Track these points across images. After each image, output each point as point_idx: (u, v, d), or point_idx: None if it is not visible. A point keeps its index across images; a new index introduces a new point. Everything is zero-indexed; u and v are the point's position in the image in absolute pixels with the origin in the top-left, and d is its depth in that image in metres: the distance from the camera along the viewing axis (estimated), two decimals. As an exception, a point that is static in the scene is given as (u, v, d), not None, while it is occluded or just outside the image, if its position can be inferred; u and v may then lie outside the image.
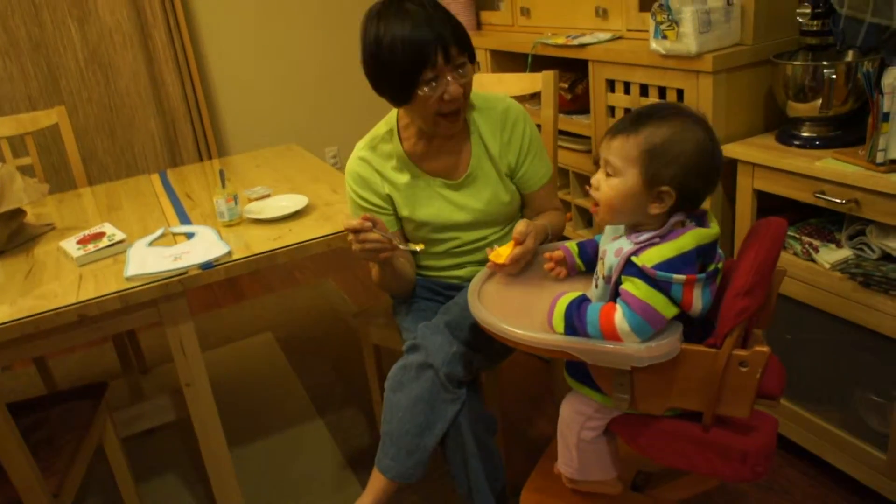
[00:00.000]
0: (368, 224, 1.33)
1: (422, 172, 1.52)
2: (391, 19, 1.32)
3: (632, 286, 1.02)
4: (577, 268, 1.29)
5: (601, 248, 1.14)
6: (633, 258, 1.02)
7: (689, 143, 1.02)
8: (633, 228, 1.09)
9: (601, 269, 1.12)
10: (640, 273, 1.01)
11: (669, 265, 1.00)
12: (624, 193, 1.05)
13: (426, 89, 1.34)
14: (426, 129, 1.45)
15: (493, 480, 1.41)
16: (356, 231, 1.34)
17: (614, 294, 1.07)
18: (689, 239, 1.01)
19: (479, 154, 1.52)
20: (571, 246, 1.29)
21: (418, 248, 1.48)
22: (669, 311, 1.02)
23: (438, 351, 1.37)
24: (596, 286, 1.14)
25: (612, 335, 1.03)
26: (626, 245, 1.06)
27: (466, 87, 1.39)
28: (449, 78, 1.35)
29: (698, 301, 1.02)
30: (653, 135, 1.03)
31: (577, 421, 1.18)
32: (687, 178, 1.03)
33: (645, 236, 1.05)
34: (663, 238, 1.03)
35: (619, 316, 1.02)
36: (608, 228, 1.15)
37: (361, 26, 1.37)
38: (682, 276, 0.99)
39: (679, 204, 1.04)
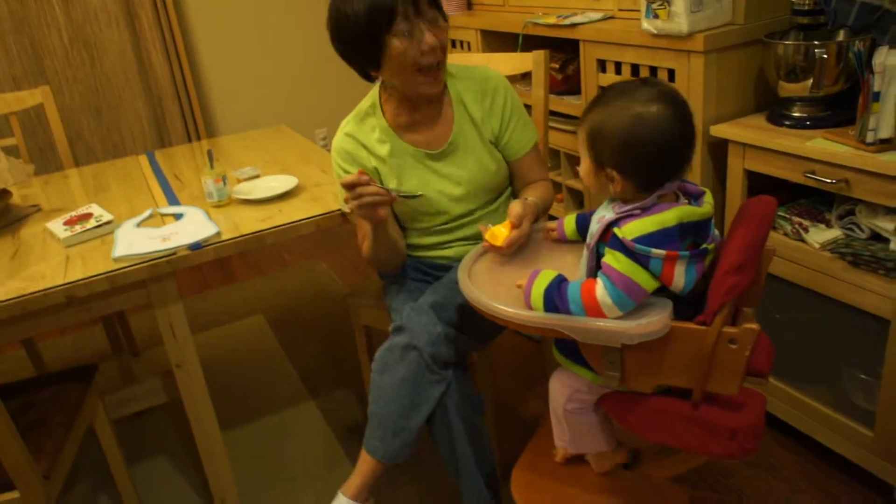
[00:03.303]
0: (365, 177, 1.32)
1: (405, 144, 1.52)
2: None
3: (612, 259, 1.02)
4: (565, 234, 1.32)
5: (592, 219, 1.14)
6: (616, 230, 1.02)
7: (625, 122, 1.02)
8: (620, 199, 1.09)
9: (588, 238, 1.13)
10: (622, 246, 1.01)
11: (650, 239, 0.99)
12: (586, 175, 1.11)
13: (401, 40, 1.33)
14: (406, 90, 1.43)
15: (480, 461, 1.42)
16: (353, 186, 1.32)
17: (593, 260, 1.09)
18: (671, 214, 1.01)
19: (462, 121, 1.51)
20: (567, 219, 1.32)
21: (418, 194, 1.46)
22: (650, 284, 1.02)
23: (423, 332, 1.36)
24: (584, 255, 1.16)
25: (594, 310, 1.03)
26: (608, 213, 1.07)
27: (443, 40, 1.38)
28: (423, 26, 1.34)
29: (680, 278, 1.01)
30: (592, 119, 1.06)
31: (563, 394, 1.20)
32: (625, 158, 1.03)
33: (628, 206, 1.05)
34: (645, 211, 1.03)
35: (601, 290, 1.02)
36: (606, 202, 1.15)
37: (328, 6, 1.38)
38: (661, 251, 0.99)
39: (636, 183, 1.05)
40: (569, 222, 1.31)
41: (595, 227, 1.08)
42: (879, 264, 1.40)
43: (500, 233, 1.30)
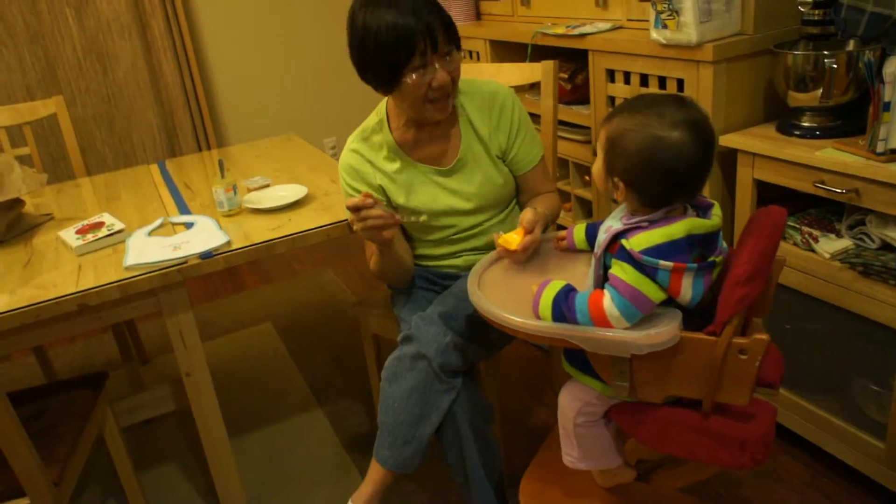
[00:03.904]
0: (370, 201, 1.33)
1: (413, 161, 1.52)
2: (378, 7, 1.32)
3: (620, 270, 1.03)
4: (574, 244, 1.32)
5: (600, 229, 1.14)
6: (624, 241, 1.02)
7: (644, 141, 1.00)
8: (630, 210, 1.09)
9: (596, 247, 1.13)
10: (629, 257, 1.01)
11: (657, 251, 0.99)
12: (596, 174, 1.11)
13: (414, 76, 1.34)
14: (414, 115, 1.45)
15: (489, 469, 1.42)
16: (357, 209, 1.33)
17: (600, 269, 1.09)
18: (679, 227, 1.01)
19: (469, 138, 1.52)
20: (577, 228, 1.32)
21: (422, 217, 1.46)
22: (657, 295, 1.02)
23: (432, 342, 1.37)
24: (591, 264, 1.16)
25: (601, 321, 1.03)
26: (616, 224, 1.07)
27: (454, 74, 1.40)
28: (437, 65, 1.35)
29: (687, 290, 1.01)
30: (616, 125, 1.04)
31: (573, 407, 1.19)
32: (635, 174, 1.03)
33: (636, 218, 1.05)
34: (653, 223, 1.03)
35: (608, 301, 1.02)
36: (615, 211, 1.15)
37: (349, 13, 1.38)
38: (668, 263, 0.99)
39: (640, 198, 1.04)
40: (578, 232, 1.31)
41: (602, 236, 1.09)
42: (890, 274, 1.39)
43: (513, 238, 1.31)
